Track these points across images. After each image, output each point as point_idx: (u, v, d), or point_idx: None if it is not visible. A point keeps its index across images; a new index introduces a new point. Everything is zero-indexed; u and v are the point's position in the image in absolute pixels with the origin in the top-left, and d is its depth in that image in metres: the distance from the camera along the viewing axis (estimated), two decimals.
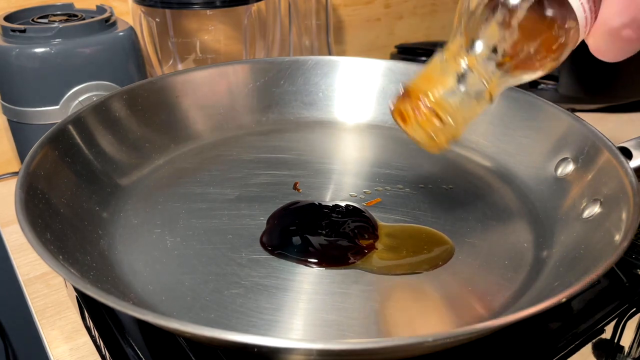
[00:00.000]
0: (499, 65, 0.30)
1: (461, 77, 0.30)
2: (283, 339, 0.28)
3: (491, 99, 0.31)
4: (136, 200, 0.41)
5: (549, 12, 0.29)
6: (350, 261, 0.35)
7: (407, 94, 0.32)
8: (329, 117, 0.52)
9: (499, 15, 0.29)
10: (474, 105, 0.31)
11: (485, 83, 0.31)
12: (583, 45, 0.31)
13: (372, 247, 0.36)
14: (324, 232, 0.37)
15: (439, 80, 0.31)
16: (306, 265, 0.35)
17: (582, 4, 0.28)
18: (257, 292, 0.33)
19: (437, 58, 0.32)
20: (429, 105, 0.31)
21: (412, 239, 0.38)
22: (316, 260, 0.35)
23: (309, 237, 0.37)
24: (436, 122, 0.31)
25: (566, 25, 0.29)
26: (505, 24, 0.29)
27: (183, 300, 0.32)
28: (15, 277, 0.46)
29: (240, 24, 0.61)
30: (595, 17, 0.29)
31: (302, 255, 0.35)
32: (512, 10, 0.29)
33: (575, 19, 0.29)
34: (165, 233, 0.38)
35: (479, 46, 0.30)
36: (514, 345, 0.31)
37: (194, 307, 0.32)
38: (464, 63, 0.30)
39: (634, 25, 0.27)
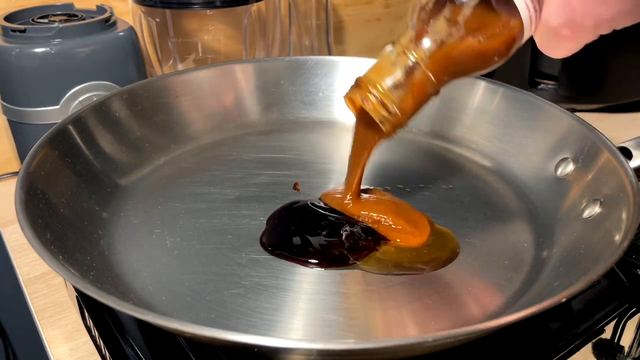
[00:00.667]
0: (446, 60, 0.31)
1: (409, 70, 0.31)
2: (283, 339, 0.28)
3: (437, 92, 0.32)
4: (136, 200, 0.41)
5: (495, 11, 0.30)
6: (350, 261, 0.35)
7: (358, 84, 0.33)
8: (329, 117, 0.52)
9: (447, 11, 0.30)
10: (421, 97, 0.32)
11: (432, 77, 0.31)
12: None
13: (372, 248, 0.36)
14: (324, 232, 0.37)
15: (388, 73, 0.32)
16: (306, 265, 0.35)
17: (526, 4, 0.29)
18: (257, 292, 0.33)
19: (389, 51, 0.32)
20: (377, 95, 0.32)
21: None
22: (316, 261, 0.35)
23: (308, 237, 0.37)
24: (383, 111, 0.32)
25: (511, 24, 0.30)
26: (452, 21, 0.30)
27: (183, 300, 0.32)
28: (15, 277, 0.46)
29: (240, 24, 0.61)
30: (540, 16, 0.30)
31: (302, 255, 0.35)
32: (459, 7, 0.30)
33: (520, 17, 0.30)
34: (165, 233, 0.38)
35: (427, 41, 0.31)
36: (514, 345, 0.31)
37: (194, 307, 0.32)
38: (412, 57, 0.31)
39: (570, 25, 0.29)
